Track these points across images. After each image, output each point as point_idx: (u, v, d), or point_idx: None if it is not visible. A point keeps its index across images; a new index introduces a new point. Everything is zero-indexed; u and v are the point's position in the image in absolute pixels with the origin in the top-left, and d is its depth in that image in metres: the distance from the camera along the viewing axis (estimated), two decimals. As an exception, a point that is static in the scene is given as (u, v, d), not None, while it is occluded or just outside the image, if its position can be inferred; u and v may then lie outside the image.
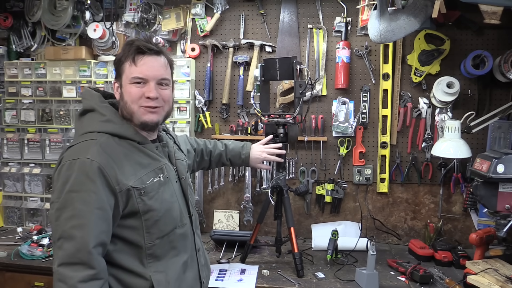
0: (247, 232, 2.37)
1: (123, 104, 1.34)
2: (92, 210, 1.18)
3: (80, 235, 1.16)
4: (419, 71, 2.39)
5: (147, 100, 1.32)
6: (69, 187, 1.19)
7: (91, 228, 1.17)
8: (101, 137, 1.27)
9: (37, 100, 2.70)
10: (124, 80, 1.33)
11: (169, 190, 1.38)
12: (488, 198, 1.83)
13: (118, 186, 1.23)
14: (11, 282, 2.16)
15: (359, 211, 2.52)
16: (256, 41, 2.57)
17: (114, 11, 2.63)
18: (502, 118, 2.26)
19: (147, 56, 1.32)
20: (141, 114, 1.33)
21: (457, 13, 2.23)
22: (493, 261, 1.90)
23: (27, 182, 2.73)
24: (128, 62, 1.32)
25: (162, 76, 1.35)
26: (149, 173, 1.32)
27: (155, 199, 1.31)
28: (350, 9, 2.47)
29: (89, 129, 1.31)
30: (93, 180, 1.19)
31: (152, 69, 1.32)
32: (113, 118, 1.33)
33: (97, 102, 1.35)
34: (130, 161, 1.29)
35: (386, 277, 2.00)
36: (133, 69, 1.31)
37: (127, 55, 1.32)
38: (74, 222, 1.17)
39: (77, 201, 1.18)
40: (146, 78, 1.32)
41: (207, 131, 2.68)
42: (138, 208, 1.27)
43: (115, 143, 1.29)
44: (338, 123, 2.48)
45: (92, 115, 1.34)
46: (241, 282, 1.94)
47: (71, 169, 1.21)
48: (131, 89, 1.31)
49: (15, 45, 2.83)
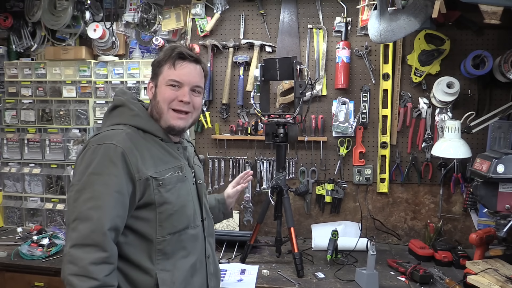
0: (247, 232, 2.38)
1: (154, 103, 1.40)
2: (111, 192, 1.22)
3: (97, 216, 1.19)
4: (419, 71, 2.39)
5: (179, 104, 1.38)
6: (92, 169, 1.23)
7: (108, 211, 1.21)
8: (127, 129, 1.34)
9: (37, 100, 2.70)
10: (160, 81, 1.39)
11: (186, 188, 1.41)
12: (488, 198, 1.83)
13: (138, 174, 1.27)
14: (11, 282, 2.16)
15: (359, 211, 2.52)
16: (256, 41, 2.57)
17: (114, 11, 2.63)
18: (502, 118, 2.26)
19: (186, 62, 1.40)
20: (170, 117, 1.39)
21: (457, 13, 2.23)
22: (493, 261, 1.90)
23: (27, 182, 2.72)
24: (167, 65, 1.38)
25: (197, 83, 1.42)
26: (168, 169, 1.36)
27: (171, 192, 1.34)
28: (350, 9, 2.47)
29: (117, 121, 1.37)
30: (116, 164, 1.24)
31: (189, 75, 1.40)
32: (140, 113, 1.40)
33: (128, 99, 1.42)
34: (152, 155, 1.34)
35: (386, 277, 2.00)
36: (171, 72, 1.38)
37: (168, 59, 1.39)
38: (92, 203, 1.20)
39: (97, 183, 1.22)
40: (182, 82, 1.38)
41: (207, 131, 2.68)
42: (154, 199, 1.30)
43: (140, 136, 1.35)
44: (338, 123, 2.48)
45: (121, 109, 1.40)
46: (241, 282, 1.94)
47: (95, 153, 1.25)
48: (166, 90, 1.38)
49: (15, 45, 2.83)
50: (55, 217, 2.67)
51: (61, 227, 2.60)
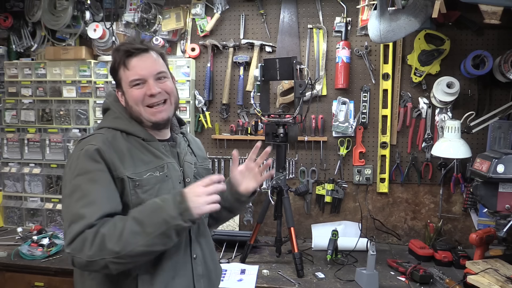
0: (247, 232, 2.38)
1: (129, 109, 1.37)
2: (99, 187, 1.22)
3: (89, 212, 1.18)
4: (419, 71, 2.39)
5: (151, 98, 1.34)
6: (76, 172, 1.24)
7: (101, 205, 1.21)
8: (109, 133, 1.33)
9: (37, 100, 2.70)
10: (124, 86, 1.35)
11: (167, 188, 1.35)
12: (488, 198, 1.83)
13: (115, 172, 1.27)
14: (11, 282, 2.16)
15: (359, 211, 2.52)
16: (256, 41, 2.57)
17: (114, 11, 2.63)
18: (502, 118, 2.26)
19: (136, 57, 1.34)
20: (149, 115, 1.35)
21: (457, 13, 2.23)
22: (493, 261, 1.90)
23: (27, 182, 2.73)
24: (121, 69, 1.34)
25: (158, 70, 1.36)
26: (149, 170, 1.33)
27: (149, 193, 1.30)
28: (350, 9, 2.47)
29: (101, 125, 1.38)
30: (97, 161, 1.24)
31: (145, 68, 1.34)
32: (122, 115, 1.38)
33: (111, 101, 1.41)
34: (133, 157, 1.32)
35: (386, 277, 2.00)
36: (127, 73, 1.33)
37: (118, 62, 1.34)
38: (83, 201, 1.20)
39: (84, 182, 1.22)
40: (143, 77, 1.33)
41: (207, 131, 2.68)
42: (130, 200, 1.28)
43: (122, 138, 1.33)
44: (338, 123, 2.48)
45: (108, 112, 1.42)
46: (241, 282, 1.94)
47: (78, 159, 1.26)
48: (133, 92, 1.34)
49: (15, 45, 2.83)
50: (55, 217, 2.67)
51: (61, 227, 2.60)
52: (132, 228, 1.18)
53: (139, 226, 1.18)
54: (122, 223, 1.19)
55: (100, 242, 1.15)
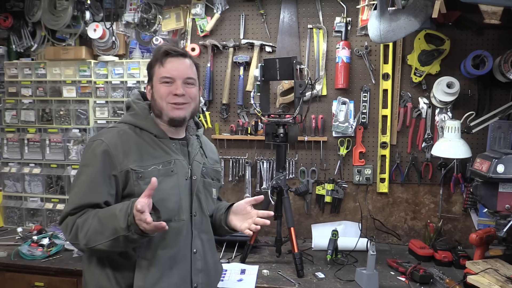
0: (247, 232, 2.37)
1: (153, 102, 1.49)
2: (86, 180, 1.37)
3: (71, 200, 1.38)
4: (419, 71, 2.39)
5: (174, 97, 1.45)
6: (82, 162, 1.45)
7: (81, 196, 1.36)
8: (122, 126, 1.47)
9: (37, 100, 2.70)
10: (154, 81, 1.48)
11: (172, 182, 1.44)
12: (488, 198, 1.83)
13: (120, 166, 1.38)
14: (11, 282, 2.16)
15: (359, 211, 2.52)
16: (256, 41, 2.57)
17: (114, 11, 2.63)
18: (502, 118, 2.26)
19: (173, 58, 1.46)
20: (169, 110, 1.45)
21: (457, 13, 2.23)
22: (493, 261, 1.90)
23: (27, 182, 2.72)
24: (157, 65, 1.46)
25: (188, 76, 1.48)
26: (155, 163, 1.42)
27: None
28: (350, 9, 2.47)
29: (120, 120, 1.53)
30: (97, 156, 1.37)
31: (178, 69, 1.46)
32: (140, 112, 1.50)
33: (134, 99, 1.55)
34: (142, 150, 1.42)
35: (386, 277, 2.00)
36: (161, 70, 1.46)
37: (156, 59, 1.47)
38: (74, 190, 1.40)
39: (82, 173, 1.40)
40: (173, 77, 1.45)
41: (207, 131, 2.68)
42: (134, 191, 1.37)
43: (134, 133, 1.45)
44: (338, 123, 2.48)
45: (129, 110, 1.55)
46: (241, 282, 1.94)
47: (87, 149, 1.43)
48: (160, 88, 1.45)
49: (15, 45, 2.83)
50: (55, 217, 2.67)
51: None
52: (95, 227, 1.30)
53: (100, 227, 1.30)
54: (91, 219, 1.32)
55: (74, 230, 1.33)
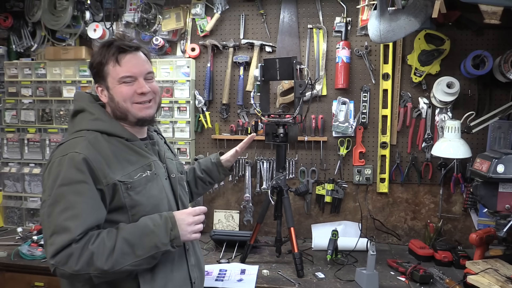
0: (247, 232, 2.37)
1: (114, 105, 1.36)
2: (85, 200, 1.22)
3: (74, 225, 1.18)
4: (419, 71, 2.39)
5: (141, 96, 1.36)
6: (60, 181, 1.22)
7: (85, 218, 1.21)
8: (90, 135, 1.31)
9: (37, 100, 2.70)
10: (110, 82, 1.35)
11: (158, 186, 1.39)
12: (488, 198, 1.83)
13: (105, 179, 1.26)
14: (11, 282, 2.16)
15: (359, 211, 2.52)
16: (256, 41, 2.57)
17: (114, 11, 2.63)
18: (502, 118, 2.26)
19: (129, 54, 1.35)
20: (137, 110, 1.37)
21: (457, 13, 2.23)
22: (493, 261, 1.90)
23: (27, 182, 2.73)
24: (111, 64, 1.34)
25: (148, 70, 1.39)
26: (137, 169, 1.35)
27: (142, 194, 1.33)
28: (350, 9, 2.47)
29: (78, 128, 1.34)
30: (83, 171, 1.22)
31: (137, 66, 1.36)
32: (101, 116, 1.37)
33: (86, 103, 1.39)
34: (118, 158, 1.32)
35: (386, 277, 2.00)
36: (118, 69, 1.34)
37: (108, 57, 1.33)
38: (67, 214, 1.19)
39: (69, 193, 1.21)
40: (134, 75, 1.35)
41: (207, 131, 2.68)
42: (125, 203, 1.29)
43: (104, 140, 1.32)
44: (338, 123, 2.48)
45: (82, 115, 1.37)
46: (241, 282, 1.94)
47: (61, 165, 1.23)
48: (122, 89, 1.34)
49: (15, 45, 2.83)
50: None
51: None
52: (123, 249, 1.21)
53: (130, 248, 1.22)
54: (112, 242, 1.21)
55: (88, 258, 1.18)
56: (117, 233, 1.24)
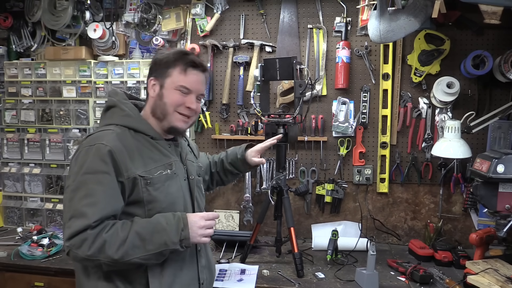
0: (247, 232, 2.37)
1: (159, 103, 1.43)
2: (105, 189, 1.28)
3: (91, 212, 1.24)
4: (419, 71, 2.39)
5: (186, 109, 1.44)
6: (85, 169, 1.29)
7: (102, 207, 1.26)
8: (118, 129, 1.38)
9: (37, 100, 2.70)
10: (168, 83, 1.42)
11: (176, 185, 1.44)
12: (488, 198, 1.83)
13: (127, 173, 1.32)
14: (11, 282, 2.16)
15: (359, 211, 2.52)
16: (256, 41, 2.57)
17: (114, 11, 2.63)
18: (502, 118, 2.26)
19: (197, 70, 1.45)
20: (175, 119, 1.44)
21: (457, 13, 2.23)
22: (493, 261, 1.90)
23: (27, 182, 2.72)
24: (178, 69, 1.42)
25: (202, 92, 1.49)
26: (158, 167, 1.40)
27: (160, 191, 1.38)
28: (350, 9, 2.47)
29: (109, 122, 1.42)
30: (106, 162, 1.29)
31: (197, 84, 1.45)
32: (131, 113, 1.43)
33: (119, 99, 1.46)
34: (142, 154, 1.38)
35: (386, 277, 2.00)
36: (182, 78, 1.42)
37: (179, 63, 1.42)
38: (87, 200, 1.26)
39: (91, 181, 1.27)
40: (191, 89, 1.43)
41: (207, 131, 2.68)
42: (143, 198, 1.34)
43: (130, 135, 1.39)
44: (338, 123, 2.48)
45: (113, 110, 1.45)
46: (241, 282, 1.94)
47: (87, 154, 1.30)
48: (174, 95, 1.42)
49: (15, 45, 2.83)
50: (55, 217, 2.67)
51: (61, 227, 2.59)
52: (134, 241, 1.27)
53: (141, 242, 1.27)
54: (125, 233, 1.27)
55: (100, 245, 1.24)
56: (131, 226, 1.29)
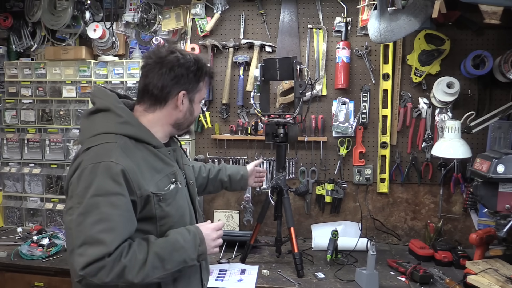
0: (247, 232, 2.37)
1: (189, 118, 1.42)
2: (121, 213, 1.18)
3: (110, 239, 1.15)
4: (419, 71, 2.39)
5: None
6: (94, 191, 1.16)
7: (121, 232, 1.18)
8: (119, 140, 1.25)
9: (37, 100, 2.70)
10: (197, 97, 1.42)
11: (182, 195, 1.41)
12: (488, 198, 1.83)
13: (140, 191, 1.23)
14: (11, 282, 2.16)
15: (359, 211, 2.52)
16: (256, 41, 2.57)
17: (114, 11, 2.63)
18: (502, 118, 2.26)
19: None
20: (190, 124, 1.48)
21: (457, 13, 2.22)
22: (493, 261, 1.90)
23: (27, 182, 2.72)
24: (204, 83, 1.42)
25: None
26: (163, 178, 1.33)
27: (172, 206, 1.33)
28: (350, 9, 2.47)
29: (104, 130, 1.27)
30: (120, 183, 1.18)
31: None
32: (130, 120, 1.31)
33: (112, 102, 1.31)
34: (147, 166, 1.29)
35: (386, 277, 2.00)
36: (204, 91, 1.44)
37: (205, 75, 1.41)
38: (102, 226, 1.15)
39: (103, 204, 1.16)
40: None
41: (207, 131, 2.68)
42: (155, 214, 1.29)
43: (133, 146, 1.28)
44: (338, 123, 2.48)
45: (106, 115, 1.29)
46: (241, 282, 1.94)
47: (94, 173, 1.18)
48: (199, 107, 1.46)
49: (15, 45, 2.83)
50: (55, 217, 2.67)
51: (61, 227, 2.59)
52: (154, 263, 1.21)
53: (160, 262, 1.22)
54: (143, 255, 1.20)
55: (119, 271, 1.15)
56: (148, 247, 1.22)
